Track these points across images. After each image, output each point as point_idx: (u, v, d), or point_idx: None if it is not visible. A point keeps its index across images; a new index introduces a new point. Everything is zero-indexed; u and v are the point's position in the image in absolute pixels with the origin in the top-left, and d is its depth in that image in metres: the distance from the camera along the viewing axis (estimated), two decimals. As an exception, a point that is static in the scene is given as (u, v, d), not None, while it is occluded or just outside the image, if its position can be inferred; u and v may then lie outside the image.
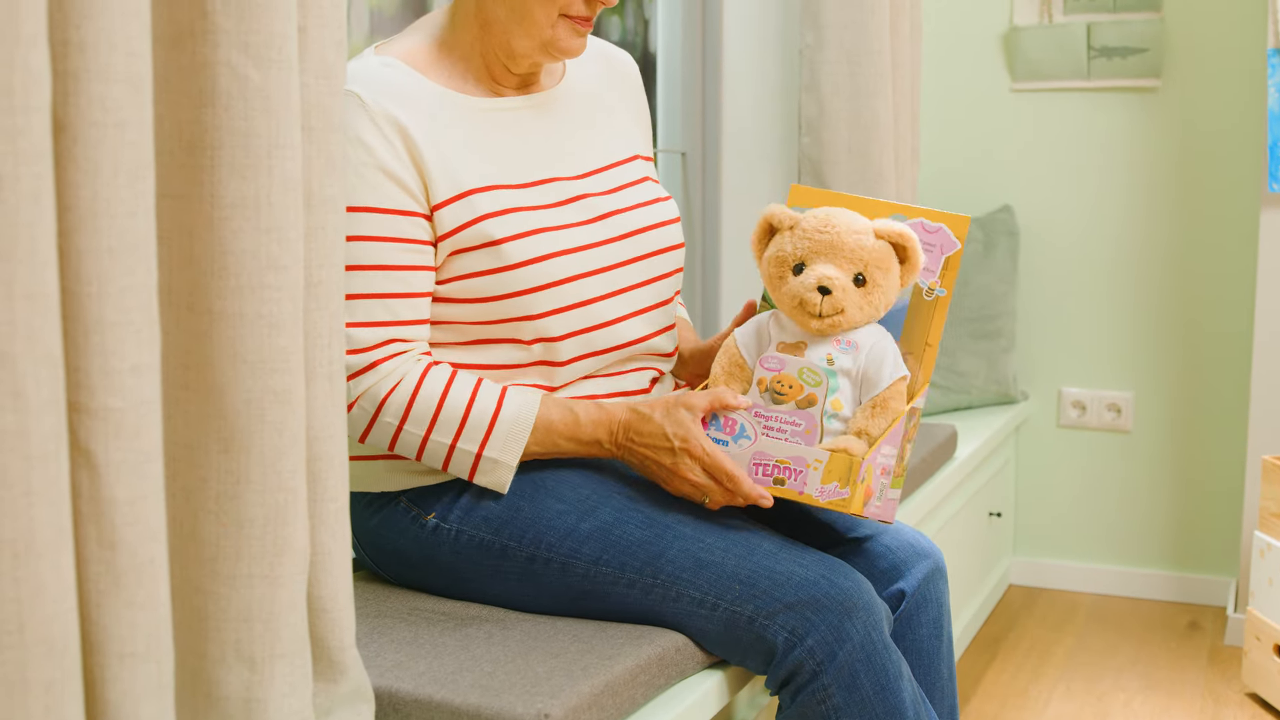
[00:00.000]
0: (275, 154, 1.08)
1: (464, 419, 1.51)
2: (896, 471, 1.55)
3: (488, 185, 1.54)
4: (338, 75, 1.17)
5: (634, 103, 1.77)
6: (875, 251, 1.52)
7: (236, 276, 1.08)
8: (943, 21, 3.26)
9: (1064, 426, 3.33)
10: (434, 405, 1.50)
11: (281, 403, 1.10)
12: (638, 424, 1.54)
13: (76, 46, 0.94)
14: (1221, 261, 3.15)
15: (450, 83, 1.58)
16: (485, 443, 1.52)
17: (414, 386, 1.50)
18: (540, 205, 1.57)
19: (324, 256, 1.16)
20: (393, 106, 1.50)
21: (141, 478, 1.00)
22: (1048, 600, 3.29)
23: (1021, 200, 3.28)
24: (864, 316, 1.54)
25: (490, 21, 1.57)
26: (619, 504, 1.54)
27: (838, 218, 1.54)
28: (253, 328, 1.09)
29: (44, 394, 0.91)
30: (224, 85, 1.06)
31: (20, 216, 0.89)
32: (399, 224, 1.50)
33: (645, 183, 1.70)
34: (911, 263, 1.54)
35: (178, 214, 1.09)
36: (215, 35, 1.06)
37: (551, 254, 1.55)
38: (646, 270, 1.64)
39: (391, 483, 1.60)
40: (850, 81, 2.57)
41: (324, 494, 1.19)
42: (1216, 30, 3.09)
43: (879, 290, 1.54)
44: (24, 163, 0.89)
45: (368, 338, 1.49)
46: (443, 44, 1.60)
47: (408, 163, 1.50)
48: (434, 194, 1.51)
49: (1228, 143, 3.11)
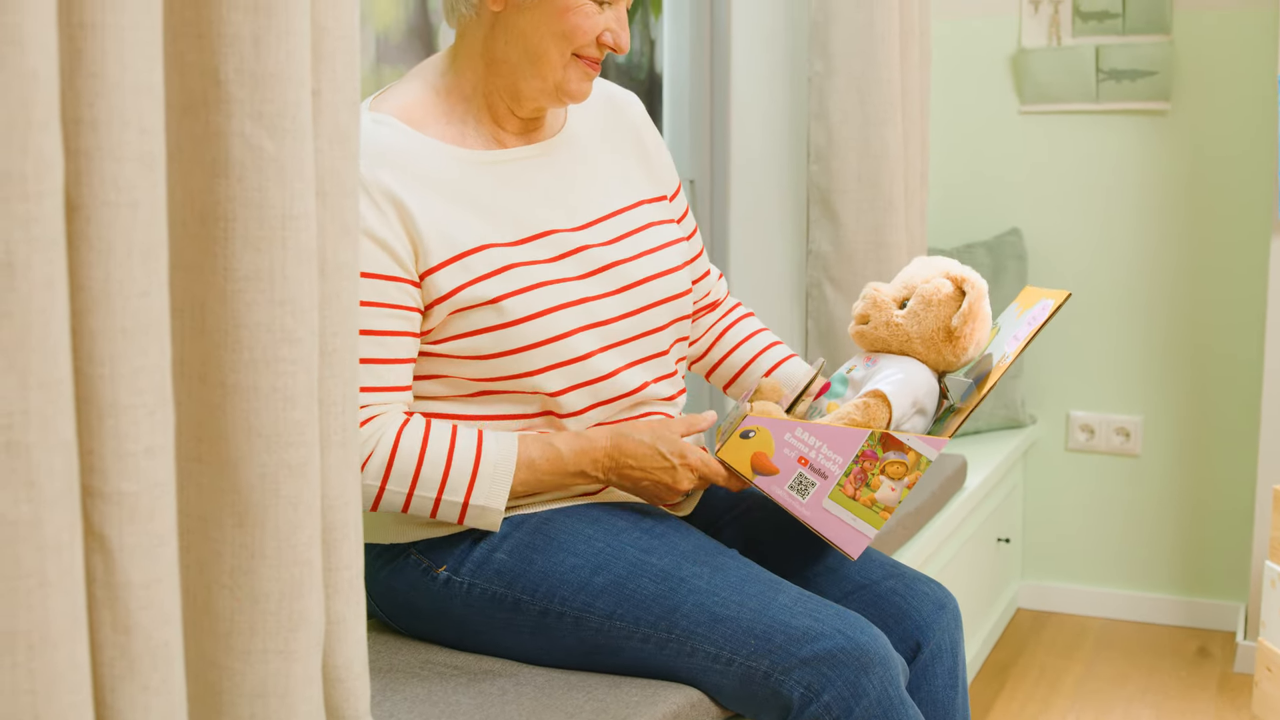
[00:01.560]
0: (289, 225, 1.07)
1: (445, 472, 1.50)
2: (864, 500, 1.55)
3: (485, 244, 1.53)
4: (351, 139, 1.15)
5: (641, 143, 1.75)
6: (930, 284, 1.61)
7: (250, 350, 1.06)
8: (951, 43, 3.24)
9: (1072, 450, 3.31)
10: (414, 463, 1.50)
11: (296, 476, 1.09)
12: (628, 447, 1.55)
13: (89, 125, 0.93)
14: (1231, 286, 3.13)
15: (448, 134, 1.56)
16: (470, 491, 1.51)
17: (390, 447, 1.49)
18: (539, 260, 1.55)
19: (338, 324, 1.15)
20: (386, 175, 1.49)
21: (155, 560, 0.98)
22: (1056, 625, 3.27)
23: (1030, 223, 3.26)
24: (890, 334, 1.62)
25: (498, 61, 1.56)
26: (633, 557, 1.53)
27: (924, 262, 1.66)
28: (267, 401, 1.07)
29: (58, 483, 0.90)
30: (237, 156, 1.05)
31: (33, 304, 0.87)
32: (384, 289, 1.48)
33: (649, 229, 1.68)
34: (970, 309, 1.58)
35: (190, 285, 1.07)
36: (228, 105, 1.04)
37: (549, 309, 1.53)
38: (644, 322, 1.63)
39: (403, 534, 1.59)
40: (859, 110, 2.56)
41: (338, 562, 1.17)
42: (1226, 54, 3.08)
43: (915, 318, 1.61)
44: (37, 249, 0.87)
45: None
46: (442, 90, 1.58)
47: (399, 231, 1.49)
48: (427, 259, 1.50)
49: (1238, 167, 3.09)
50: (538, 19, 1.52)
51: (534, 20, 1.52)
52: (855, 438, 1.53)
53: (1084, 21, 3.13)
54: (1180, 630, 3.23)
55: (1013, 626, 3.25)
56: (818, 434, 1.54)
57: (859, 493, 1.54)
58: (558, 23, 1.51)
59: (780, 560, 1.68)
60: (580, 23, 1.52)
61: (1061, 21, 3.15)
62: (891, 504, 1.55)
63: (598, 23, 1.53)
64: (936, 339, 1.60)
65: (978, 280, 1.61)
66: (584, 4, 1.51)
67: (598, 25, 1.53)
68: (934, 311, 1.60)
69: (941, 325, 1.60)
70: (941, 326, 1.60)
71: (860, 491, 1.54)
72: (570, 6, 1.51)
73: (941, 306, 1.60)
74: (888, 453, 1.53)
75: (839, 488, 1.54)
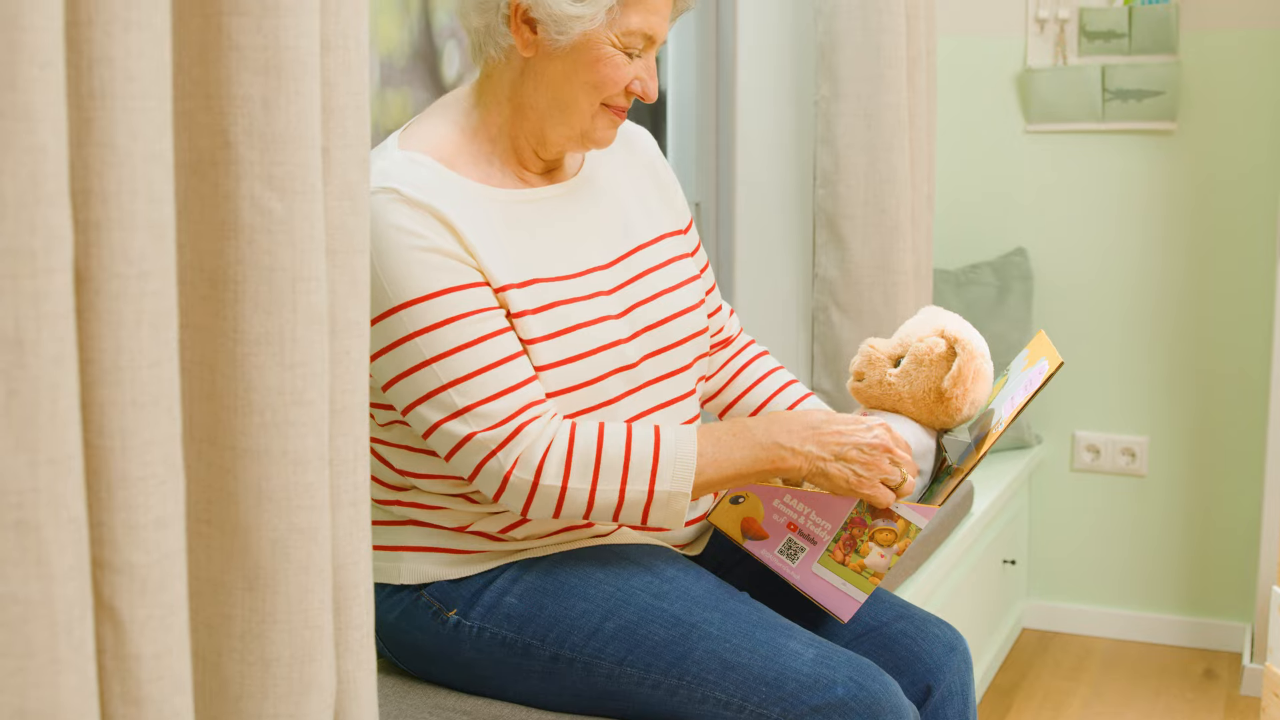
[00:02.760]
0: (299, 287, 1.06)
1: (626, 461, 1.47)
2: (854, 566, 1.54)
3: (533, 279, 1.52)
4: (361, 195, 1.14)
5: (656, 176, 1.74)
6: (925, 343, 1.60)
7: (261, 414, 1.05)
8: (956, 62, 3.23)
9: (1078, 470, 3.30)
10: (593, 456, 1.47)
11: (308, 540, 1.08)
12: (823, 415, 1.53)
13: (99, 196, 0.92)
14: (1237, 306, 3.12)
15: (475, 173, 1.55)
16: (654, 477, 1.48)
17: (567, 443, 1.47)
18: (567, 300, 1.54)
19: (349, 382, 1.14)
20: (432, 200, 1.47)
21: (167, 630, 0.97)
22: (1061, 645, 3.26)
23: (1035, 243, 3.25)
24: (884, 393, 1.63)
25: (525, 106, 1.55)
26: (643, 603, 1.51)
27: (927, 315, 1.66)
28: (277, 465, 1.06)
29: (68, 559, 0.89)
30: (247, 219, 1.04)
31: (42, 381, 0.86)
32: (464, 299, 1.46)
33: (670, 265, 1.67)
34: (959, 372, 1.57)
35: (198, 345, 1.06)
36: (237, 166, 1.03)
37: (577, 356, 1.52)
38: (668, 363, 1.62)
39: (413, 575, 1.58)
40: (866, 135, 2.55)
41: (349, 622, 1.16)
42: (1233, 74, 3.07)
43: (907, 378, 1.60)
44: (46, 325, 0.86)
45: (501, 409, 1.45)
46: (469, 130, 1.57)
47: (457, 246, 1.47)
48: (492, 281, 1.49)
49: (1244, 187, 3.08)
50: (568, 68, 1.50)
51: (564, 69, 1.51)
52: (843, 505, 1.53)
53: (1090, 41, 3.12)
54: (1186, 651, 3.22)
55: (1018, 647, 3.24)
56: (806, 500, 1.54)
57: (848, 558, 1.54)
58: (588, 73, 1.50)
59: (791, 599, 1.67)
60: (611, 74, 1.51)
61: (1067, 41, 3.14)
62: (881, 570, 1.55)
63: (627, 73, 1.52)
64: (928, 400, 1.60)
65: (972, 341, 1.59)
66: (615, 55, 1.50)
67: (627, 75, 1.52)
68: (925, 372, 1.60)
69: (933, 386, 1.59)
70: (933, 388, 1.59)
71: (850, 557, 1.54)
72: (601, 58, 1.50)
73: (933, 367, 1.59)
74: (876, 520, 1.53)
75: (828, 553, 1.55)
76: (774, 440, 1.50)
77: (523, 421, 1.46)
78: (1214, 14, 3.06)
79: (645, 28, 1.51)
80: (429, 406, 1.45)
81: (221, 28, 1.02)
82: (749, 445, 1.50)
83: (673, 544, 1.67)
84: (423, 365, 1.44)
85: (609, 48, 1.50)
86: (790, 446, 1.50)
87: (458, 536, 1.57)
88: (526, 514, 1.49)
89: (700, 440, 1.50)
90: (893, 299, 2.58)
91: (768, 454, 1.51)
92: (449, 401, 1.44)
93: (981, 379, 1.60)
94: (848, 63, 2.54)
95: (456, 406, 1.44)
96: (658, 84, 1.57)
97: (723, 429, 1.52)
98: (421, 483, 1.56)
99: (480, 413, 1.44)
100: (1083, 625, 3.32)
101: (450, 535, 1.57)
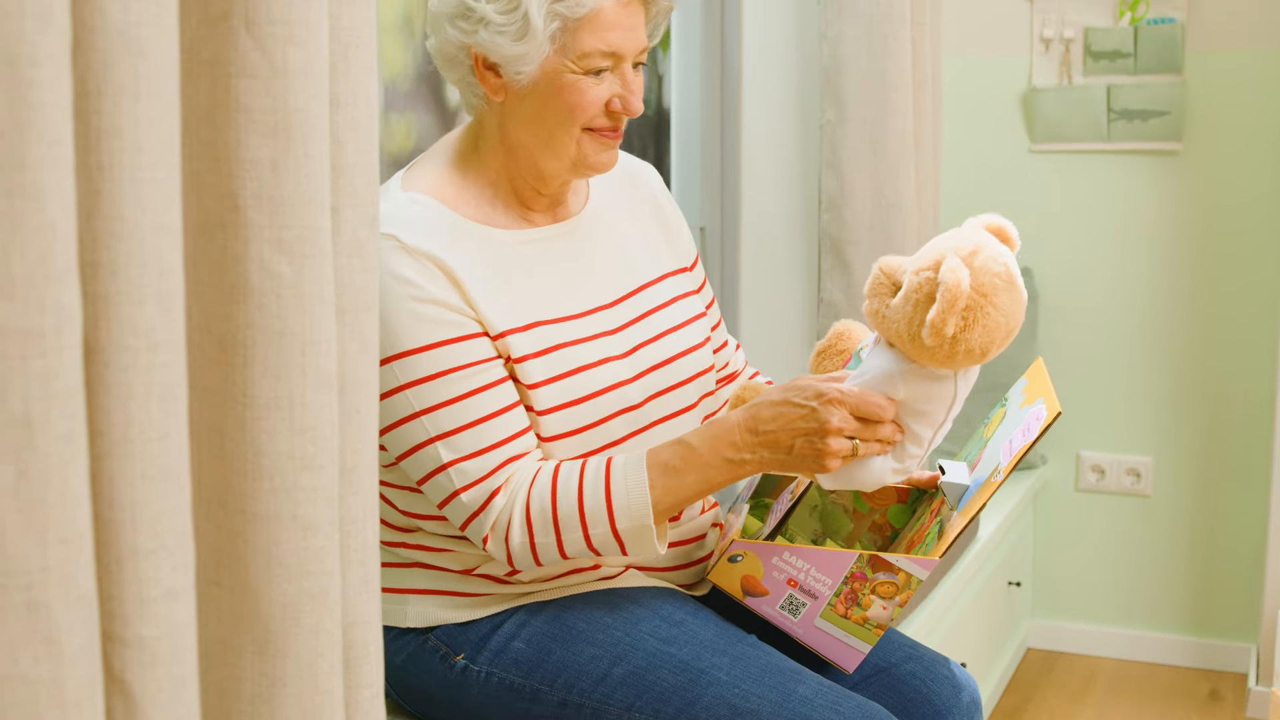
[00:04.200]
0: (309, 350, 1.05)
1: (580, 510, 1.46)
2: (856, 619, 1.53)
3: (533, 322, 1.51)
4: (370, 252, 1.14)
5: (661, 213, 1.73)
6: (917, 276, 1.39)
7: (271, 479, 1.04)
8: (962, 82, 3.23)
9: (1083, 490, 3.29)
10: (549, 510, 1.46)
11: (318, 605, 1.07)
12: (761, 413, 1.45)
13: (107, 269, 0.91)
14: (1242, 327, 3.11)
15: (479, 214, 1.54)
16: (612, 518, 1.46)
17: (525, 502, 1.46)
18: (569, 342, 1.53)
19: (358, 440, 1.13)
20: (433, 247, 1.46)
21: (178, 703, 0.96)
22: (1066, 665, 3.25)
23: (1040, 263, 3.24)
24: (882, 324, 1.44)
25: (515, 147, 1.54)
26: (652, 648, 1.51)
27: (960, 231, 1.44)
28: (288, 530, 1.05)
29: (78, 637, 0.88)
30: (256, 283, 1.03)
31: (52, 460, 0.86)
32: (459, 351, 1.45)
33: (675, 304, 1.66)
34: (934, 319, 1.36)
35: (207, 408, 1.05)
36: (246, 230, 1.03)
37: (581, 399, 1.51)
38: (673, 403, 1.61)
39: (419, 618, 1.57)
40: (872, 159, 2.54)
41: (359, 681, 1.15)
42: (1239, 95, 3.06)
43: (898, 313, 1.41)
44: (55, 404, 0.86)
45: (481, 466, 1.45)
46: (470, 172, 1.56)
47: (456, 295, 1.47)
48: (489, 328, 1.48)
49: (1250, 207, 3.08)
50: (538, 103, 1.49)
51: (535, 105, 1.50)
52: (843, 560, 1.51)
53: (1095, 61, 3.11)
54: (1191, 671, 3.21)
55: (1023, 667, 3.23)
56: (805, 556, 1.53)
57: (850, 612, 1.53)
58: (557, 103, 1.49)
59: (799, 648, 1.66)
60: (578, 100, 1.49)
61: (1073, 60, 3.13)
62: (884, 622, 1.53)
63: (598, 95, 1.49)
64: (917, 343, 1.39)
65: (960, 283, 1.34)
66: (578, 80, 1.48)
67: (599, 97, 1.50)
68: (910, 312, 1.38)
69: (917, 333, 1.38)
70: (916, 334, 1.39)
71: (852, 610, 1.53)
72: (565, 86, 1.48)
73: (918, 308, 1.38)
74: (877, 574, 1.51)
75: (830, 607, 1.53)
76: (721, 457, 1.47)
77: (498, 484, 1.46)
78: (1220, 34, 3.05)
79: (603, 46, 1.47)
80: (418, 458, 1.46)
81: (230, 90, 1.02)
82: (698, 468, 1.47)
83: (679, 585, 1.66)
84: (412, 417, 1.44)
85: (570, 75, 1.47)
86: (739, 459, 1.46)
87: (464, 579, 1.56)
88: (512, 576, 1.51)
89: (650, 471, 1.47)
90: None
91: (719, 472, 1.47)
92: (435, 455, 1.45)
93: (980, 322, 1.36)
94: (853, 87, 2.53)
95: (441, 461, 1.45)
96: (642, 96, 1.52)
97: (670, 453, 1.47)
98: (426, 524, 1.56)
99: (463, 469, 1.44)
100: (1088, 645, 3.32)
101: (456, 578, 1.56)
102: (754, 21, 2.62)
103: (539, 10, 1.43)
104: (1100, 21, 3.11)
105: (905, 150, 2.53)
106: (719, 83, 2.64)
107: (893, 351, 1.44)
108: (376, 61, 1.13)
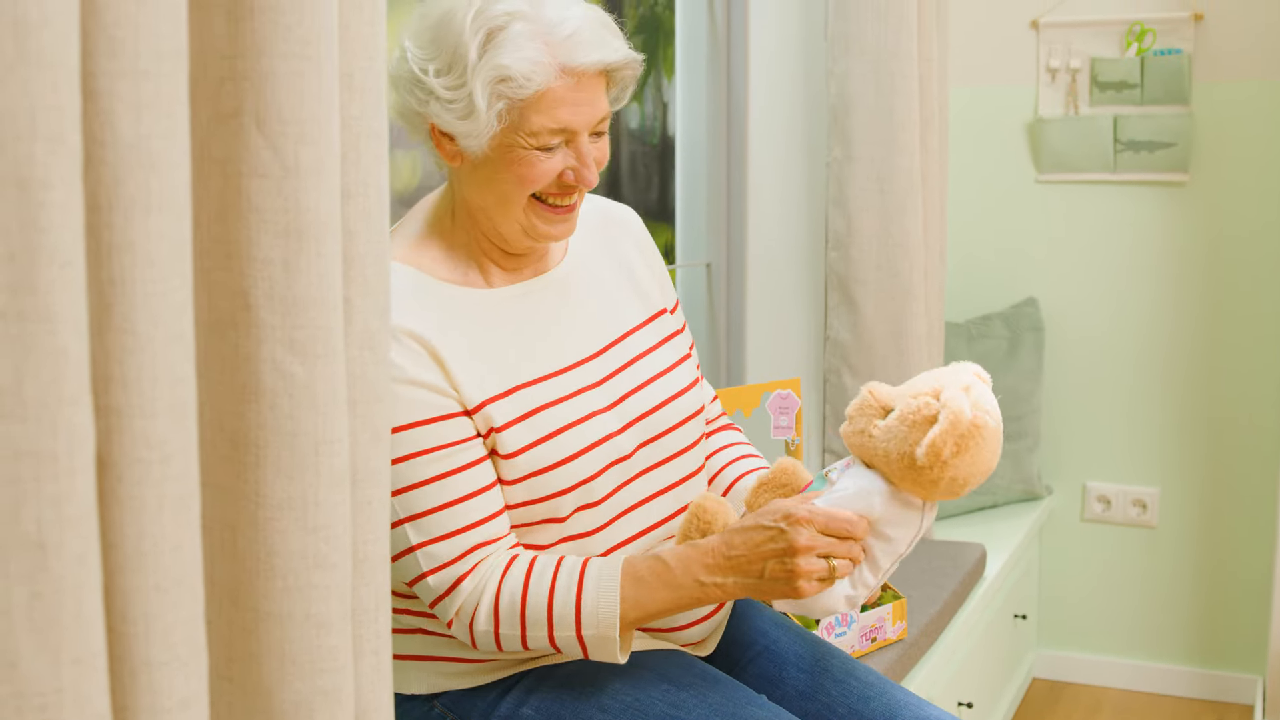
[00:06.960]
0: (322, 450, 1.05)
1: (549, 612, 1.46)
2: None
3: (512, 387, 1.50)
4: (381, 343, 1.13)
5: (642, 257, 1.72)
6: (916, 400, 1.43)
7: (284, 578, 1.04)
8: (968, 112, 3.22)
9: (1088, 521, 3.29)
10: (517, 608, 1.46)
11: (331, 702, 1.07)
12: (733, 539, 1.46)
13: (119, 382, 0.90)
14: (1249, 357, 3.11)
15: (455, 277, 1.54)
16: (579, 624, 1.46)
17: (494, 595, 1.46)
18: (552, 401, 1.53)
19: (370, 532, 1.13)
20: (415, 324, 1.46)
21: (190, 810, 0.96)
22: (1072, 696, 3.25)
23: (1047, 293, 3.24)
24: (863, 445, 1.47)
25: (475, 210, 1.54)
26: (660, 712, 1.50)
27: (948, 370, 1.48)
28: (301, 629, 1.05)
29: (92, 757, 0.87)
30: (268, 383, 1.02)
31: (66, 582, 0.85)
32: (440, 431, 1.46)
33: (659, 349, 1.65)
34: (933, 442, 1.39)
35: (219, 505, 1.05)
36: (258, 330, 1.02)
37: (569, 457, 1.51)
38: (665, 448, 1.60)
39: (424, 685, 1.57)
40: (879, 198, 2.53)
41: (370, 770, 1.15)
42: (1245, 126, 3.05)
43: (889, 433, 1.44)
44: (69, 526, 0.85)
45: (449, 550, 1.45)
46: (446, 234, 1.56)
47: (437, 372, 1.46)
48: (466, 402, 1.48)
49: (1256, 239, 3.07)
50: (491, 170, 1.49)
51: (488, 172, 1.49)
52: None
53: (1102, 91, 3.10)
54: (1197, 703, 3.20)
55: (1029, 699, 3.23)
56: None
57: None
58: (508, 173, 1.48)
59: (804, 696, 1.65)
60: (527, 172, 1.47)
61: (1079, 91, 3.13)
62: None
63: (548, 168, 1.48)
64: (902, 464, 1.42)
65: (963, 410, 1.39)
66: (529, 154, 1.47)
67: (553, 169, 1.48)
68: (906, 433, 1.42)
69: (909, 451, 1.41)
70: (909, 452, 1.41)
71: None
72: (515, 159, 1.47)
73: (915, 429, 1.42)
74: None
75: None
76: (693, 578, 1.47)
77: (466, 570, 1.45)
78: (1226, 65, 3.05)
79: (553, 125, 1.46)
80: (392, 538, 1.45)
81: (241, 190, 1.01)
82: (669, 586, 1.47)
83: (683, 644, 1.65)
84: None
85: (521, 149, 1.46)
86: (711, 581, 1.47)
87: (466, 646, 1.56)
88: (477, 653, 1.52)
89: (623, 583, 1.47)
90: (905, 361, 2.56)
91: (689, 593, 1.48)
92: (404, 536, 1.45)
93: (971, 452, 1.40)
94: (860, 125, 2.53)
95: (410, 543, 1.45)
96: (602, 164, 1.51)
97: (645, 567, 1.48)
98: (426, 590, 1.55)
99: (430, 552, 1.44)
100: (1093, 676, 3.31)
101: (459, 644, 1.56)
102: (761, 58, 2.61)
103: (483, 91, 1.42)
104: (1107, 52, 3.10)
105: (913, 188, 2.53)
106: (726, 120, 2.64)
107: (873, 472, 1.46)
108: (386, 151, 1.13)
